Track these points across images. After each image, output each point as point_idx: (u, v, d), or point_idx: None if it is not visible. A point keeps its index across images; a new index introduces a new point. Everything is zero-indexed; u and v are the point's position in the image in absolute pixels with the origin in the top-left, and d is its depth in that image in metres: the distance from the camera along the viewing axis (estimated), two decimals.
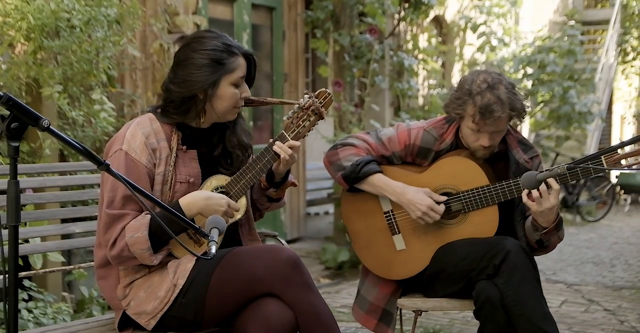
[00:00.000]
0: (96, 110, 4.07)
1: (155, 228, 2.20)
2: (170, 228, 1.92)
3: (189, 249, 1.95)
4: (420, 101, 8.79)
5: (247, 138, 2.49)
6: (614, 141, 17.31)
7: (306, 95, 2.38)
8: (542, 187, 2.49)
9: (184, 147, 2.35)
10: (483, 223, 2.71)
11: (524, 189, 2.57)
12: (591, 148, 12.20)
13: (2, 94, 1.66)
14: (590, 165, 2.45)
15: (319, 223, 7.68)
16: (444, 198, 2.73)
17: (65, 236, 3.27)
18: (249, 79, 2.42)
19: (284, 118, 2.39)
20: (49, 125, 1.74)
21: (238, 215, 2.37)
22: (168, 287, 2.25)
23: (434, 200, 2.71)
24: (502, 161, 2.79)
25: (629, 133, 19.39)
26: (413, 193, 2.72)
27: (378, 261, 2.87)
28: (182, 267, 2.27)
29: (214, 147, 2.41)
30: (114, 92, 4.59)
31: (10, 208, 1.71)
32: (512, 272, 2.54)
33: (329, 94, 2.38)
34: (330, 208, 7.65)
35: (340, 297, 5.14)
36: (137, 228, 2.20)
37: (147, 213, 2.24)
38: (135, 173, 2.24)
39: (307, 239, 6.96)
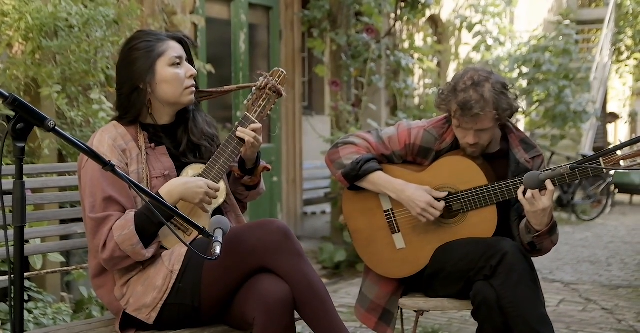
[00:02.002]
0: (95, 109, 4.06)
1: (141, 222, 2.23)
2: (158, 218, 1.93)
3: (184, 241, 1.95)
4: (416, 100, 8.80)
5: (212, 128, 2.53)
6: (610, 140, 17.37)
7: (261, 77, 2.45)
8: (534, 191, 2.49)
9: (152, 145, 2.39)
10: (482, 223, 2.71)
11: (525, 188, 2.58)
12: (586, 147, 12.25)
13: (8, 95, 1.66)
14: (592, 166, 2.45)
15: (315, 223, 7.68)
16: (444, 194, 2.74)
17: (63, 237, 3.26)
18: (190, 62, 2.45)
19: (245, 101, 2.46)
20: (55, 125, 1.74)
21: (220, 199, 2.41)
22: (165, 275, 2.27)
23: (435, 197, 2.72)
24: (503, 160, 2.79)
25: (623, 132, 19.48)
26: (413, 191, 2.73)
27: (378, 259, 2.88)
28: (177, 253, 2.30)
29: (179, 141, 2.44)
30: (112, 92, 4.58)
31: (17, 209, 1.70)
32: (508, 273, 2.54)
33: (282, 72, 2.47)
34: (327, 207, 7.64)
35: (338, 297, 5.14)
36: (123, 226, 2.23)
37: (130, 211, 2.27)
38: (110, 177, 2.24)
39: (304, 239, 6.95)
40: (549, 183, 2.49)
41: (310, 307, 2.24)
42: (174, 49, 2.38)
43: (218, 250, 1.95)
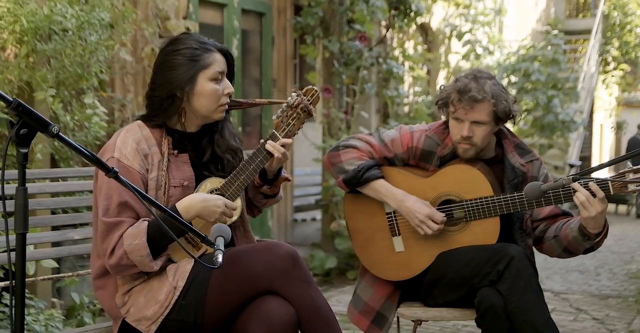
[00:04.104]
0: (89, 114, 4.04)
1: (154, 233, 2.18)
2: (170, 234, 1.90)
3: (192, 254, 1.94)
4: (406, 108, 8.81)
5: (236, 142, 2.48)
6: (595, 150, 17.49)
7: (294, 94, 2.39)
8: (586, 193, 2.47)
9: (175, 152, 2.34)
10: (483, 233, 2.70)
11: (522, 203, 2.59)
12: (573, 156, 12.31)
13: (12, 100, 1.64)
14: (595, 179, 2.46)
15: (305, 230, 7.66)
16: (442, 215, 2.72)
17: (54, 242, 3.23)
18: (229, 75, 2.39)
19: (274, 117, 2.41)
20: (59, 131, 1.71)
21: (235, 217, 2.37)
22: (168, 290, 2.23)
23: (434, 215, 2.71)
24: (498, 166, 2.80)
25: (608, 141, 19.59)
26: (413, 202, 2.72)
27: (375, 260, 2.86)
28: (182, 269, 2.25)
29: (203, 151, 2.40)
30: (105, 97, 4.55)
31: (19, 216, 1.67)
32: (516, 278, 2.53)
33: (316, 91, 2.41)
34: (317, 214, 7.64)
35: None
36: (135, 235, 2.18)
37: (144, 220, 2.22)
38: (129, 180, 2.18)
39: (294, 245, 6.90)
40: (597, 190, 2.46)
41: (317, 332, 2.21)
42: (219, 63, 2.32)
43: (220, 258, 1.93)
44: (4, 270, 3.25)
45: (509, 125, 2.84)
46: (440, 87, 2.78)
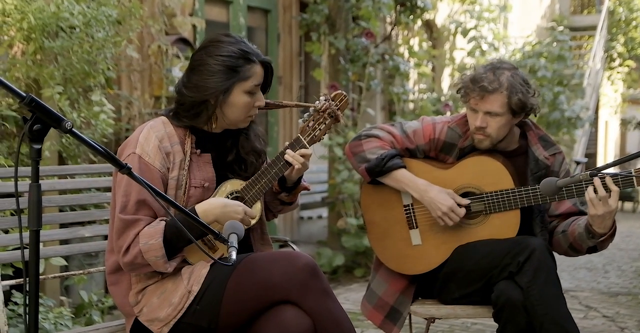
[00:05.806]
0: (95, 111, 4.02)
1: (170, 235, 2.15)
2: (187, 236, 1.88)
3: (210, 254, 1.92)
4: (411, 106, 8.78)
5: (261, 144, 2.44)
6: (600, 146, 17.44)
7: (322, 98, 2.34)
8: (601, 190, 2.44)
9: (198, 151, 2.30)
10: (503, 226, 2.68)
11: (544, 196, 2.56)
12: (579, 153, 12.27)
13: (25, 95, 1.62)
14: (623, 174, 2.43)
15: (311, 227, 7.63)
16: (467, 201, 2.70)
17: (63, 241, 3.21)
18: (265, 85, 2.35)
19: (300, 121, 2.36)
20: (72, 127, 1.70)
21: (253, 222, 2.33)
22: (182, 294, 2.20)
23: (457, 203, 2.69)
24: (522, 157, 2.78)
25: (613, 138, 19.55)
26: (436, 192, 2.69)
27: (392, 254, 2.84)
28: (197, 273, 2.22)
29: (227, 152, 2.37)
30: (112, 94, 4.53)
31: (32, 212, 1.66)
32: (537, 270, 2.51)
33: (345, 96, 2.35)
34: (323, 212, 7.60)
35: None
36: (151, 235, 2.15)
37: (161, 220, 2.19)
38: (149, 178, 2.18)
39: (300, 243, 6.91)
40: (611, 184, 2.44)
41: None
42: (257, 76, 2.27)
43: (234, 255, 1.90)
44: (13, 268, 3.23)
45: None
46: (461, 75, 2.76)
